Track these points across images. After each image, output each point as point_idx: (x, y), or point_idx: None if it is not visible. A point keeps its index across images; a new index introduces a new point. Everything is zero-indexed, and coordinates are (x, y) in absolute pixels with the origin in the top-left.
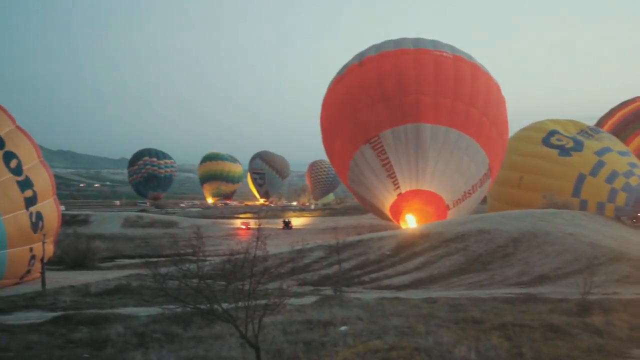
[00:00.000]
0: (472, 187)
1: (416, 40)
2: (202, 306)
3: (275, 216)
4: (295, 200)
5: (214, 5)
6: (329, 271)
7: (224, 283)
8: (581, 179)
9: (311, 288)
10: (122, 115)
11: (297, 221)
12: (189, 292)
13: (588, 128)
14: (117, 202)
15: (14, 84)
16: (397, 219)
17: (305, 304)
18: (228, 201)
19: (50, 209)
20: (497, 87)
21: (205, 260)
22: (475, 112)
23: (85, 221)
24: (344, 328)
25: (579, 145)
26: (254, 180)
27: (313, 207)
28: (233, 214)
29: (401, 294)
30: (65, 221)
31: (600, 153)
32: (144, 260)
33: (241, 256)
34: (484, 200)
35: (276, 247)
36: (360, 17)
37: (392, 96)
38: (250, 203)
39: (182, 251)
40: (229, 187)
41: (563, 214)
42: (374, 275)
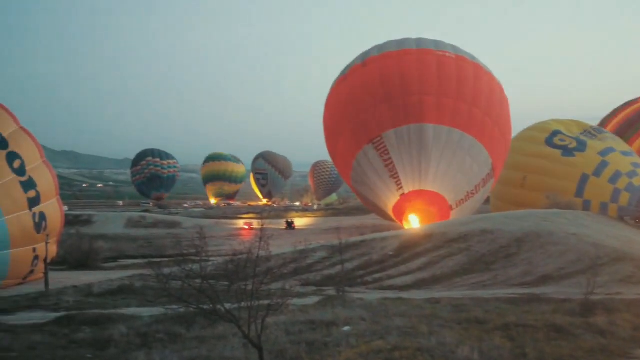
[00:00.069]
0: (475, 187)
1: (419, 41)
2: (205, 306)
3: (278, 216)
4: (298, 201)
5: (216, 6)
6: (331, 271)
7: (227, 283)
8: (584, 179)
9: (314, 288)
10: (125, 115)
11: (300, 221)
12: (192, 292)
13: (591, 128)
14: (120, 203)
15: (17, 84)
16: (400, 219)
17: (308, 304)
18: (231, 201)
19: (54, 209)
20: (500, 87)
21: (208, 261)
22: (478, 112)
23: (88, 221)
24: (346, 328)
25: (582, 146)
26: (256, 180)
27: (316, 207)
28: (236, 214)
29: (404, 295)
30: (69, 221)
31: (603, 153)
32: (147, 260)
33: (244, 256)
34: (487, 201)
35: (279, 248)
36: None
37: (395, 96)
38: (253, 203)
39: (185, 251)
40: (231, 188)
41: (566, 214)
42: (376, 276)
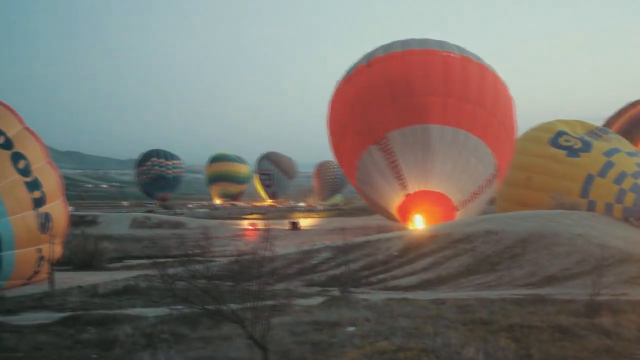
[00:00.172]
0: (480, 187)
1: (424, 41)
2: (210, 307)
3: (282, 217)
4: (302, 201)
5: (220, 7)
6: (336, 272)
7: (231, 284)
8: (589, 179)
9: (318, 289)
10: (130, 116)
11: (304, 222)
12: (196, 292)
13: (596, 129)
14: (125, 203)
15: (21, 85)
16: (405, 219)
17: (313, 304)
18: (235, 202)
19: (59, 209)
20: (505, 88)
21: (213, 261)
22: (483, 112)
23: (93, 222)
24: (351, 329)
25: (587, 146)
26: (261, 181)
27: (320, 207)
28: (240, 214)
29: (409, 295)
30: (74, 222)
31: (608, 154)
32: (152, 261)
33: (249, 257)
34: (492, 201)
35: (284, 248)
36: (367, 17)
37: (400, 97)
38: (257, 204)
39: (190, 252)
40: (236, 188)
41: (571, 214)
42: (381, 276)
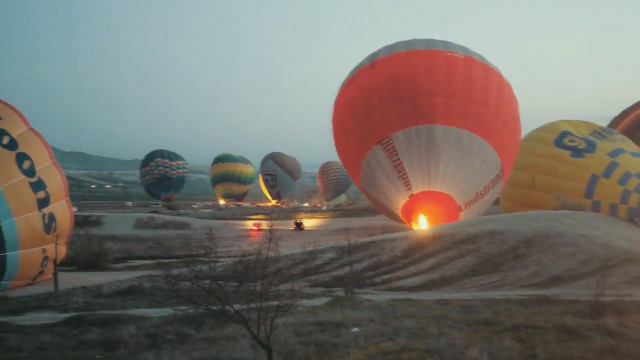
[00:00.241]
0: (484, 188)
1: (428, 41)
2: (214, 307)
3: (287, 217)
4: (306, 202)
5: (224, 7)
6: (340, 272)
7: (236, 284)
8: (594, 180)
9: (323, 289)
10: (134, 117)
11: (308, 222)
12: (201, 293)
13: (601, 129)
14: (129, 204)
15: (25, 85)
16: (409, 220)
17: (317, 305)
18: (240, 202)
19: (63, 210)
20: (509, 88)
21: (217, 262)
22: (487, 112)
23: (97, 222)
24: (355, 329)
25: (591, 147)
26: (265, 181)
27: (325, 208)
28: (245, 215)
29: (413, 296)
30: (78, 222)
31: (613, 154)
32: (156, 261)
33: (253, 257)
34: (496, 202)
35: (288, 249)
36: (371, 18)
37: (404, 97)
38: (261, 204)
39: (194, 252)
40: (240, 189)
41: (576, 215)
42: (385, 277)
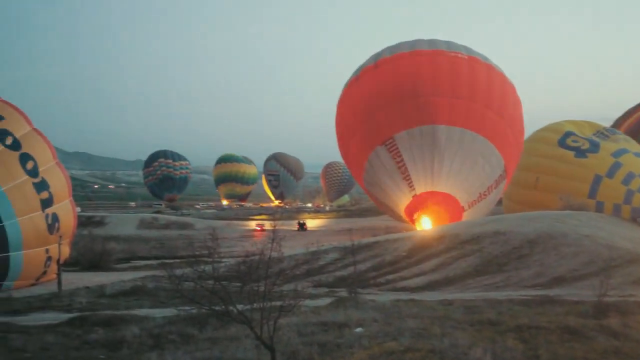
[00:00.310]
0: (488, 188)
1: (431, 42)
2: (218, 307)
3: (290, 218)
4: (310, 202)
5: (228, 8)
6: (344, 273)
7: (239, 284)
8: (597, 180)
9: (326, 290)
10: (137, 117)
11: (312, 223)
12: (204, 293)
13: (604, 129)
14: (133, 204)
15: (29, 86)
16: (412, 220)
17: (321, 305)
18: (243, 203)
19: (66, 210)
20: (512, 88)
21: (220, 262)
22: (491, 113)
23: (100, 222)
24: (359, 330)
25: (595, 147)
26: (268, 181)
27: (328, 208)
28: (248, 215)
29: (416, 296)
30: (81, 223)
31: (616, 154)
32: (159, 261)
33: (256, 258)
34: (499, 202)
35: (291, 249)
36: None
37: (407, 97)
38: (265, 204)
39: (197, 253)
40: (243, 189)
41: (579, 215)
42: (389, 277)
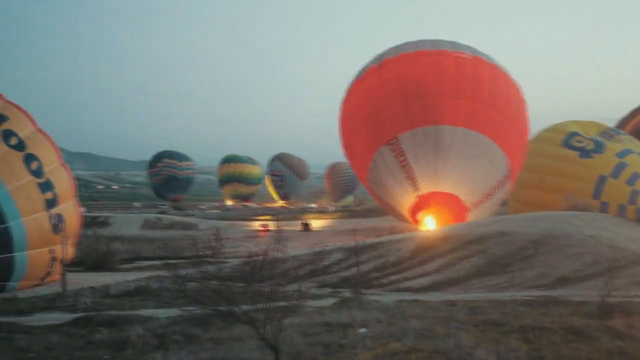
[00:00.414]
0: (492, 188)
1: (435, 42)
2: (222, 308)
3: (294, 218)
4: (314, 202)
5: (231, 9)
6: (348, 273)
7: (243, 285)
8: (602, 180)
9: (330, 290)
10: (141, 117)
11: (316, 223)
12: (208, 293)
13: (609, 129)
14: (137, 204)
15: (33, 86)
16: (416, 220)
17: (324, 306)
18: (247, 203)
19: (71, 210)
20: (517, 89)
21: (224, 262)
22: (495, 113)
23: (105, 223)
24: (363, 330)
25: (599, 147)
26: (273, 182)
27: (332, 209)
28: (252, 215)
29: (420, 297)
30: (86, 223)
31: (621, 155)
32: (163, 262)
33: (260, 258)
34: (504, 202)
35: (295, 249)
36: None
37: (411, 98)
38: (269, 205)
39: (201, 253)
40: (248, 189)
41: (584, 216)
42: (393, 278)
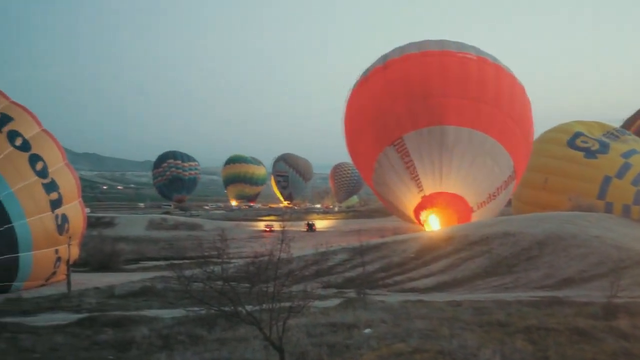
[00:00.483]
0: (497, 189)
1: (440, 42)
2: (227, 308)
3: (299, 219)
4: (318, 203)
5: (235, 10)
6: (352, 274)
7: (248, 285)
8: (607, 181)
9: (335, 291)
10: (146, 118)
11: (320, 224)
12: (213, 294)
13: (614, 130)
14: (142, 205)
15: (38, 86)
16: (421, 221)
17: (329, 306)
18: (252, 204)
19: (76, 211)
20: (521, 89)
21: (229, 263)
22: (499, 113)
23: (110, 223)
24: (367, 331)
25: (604, 147)
26: (277, 182)
27: (337, 209)
28: (257, 216)
29: (425, 297)
30: (90, 223)
31: (626, 155)
32: (168, 262)
33: (265, 259)
34: (509, 203)
35: (300, 250)
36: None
37: (416, 98)
38: (273, 205)
39: (206, 253)
40: (252, 190)
41: (589, 216)
42: (397, 278)
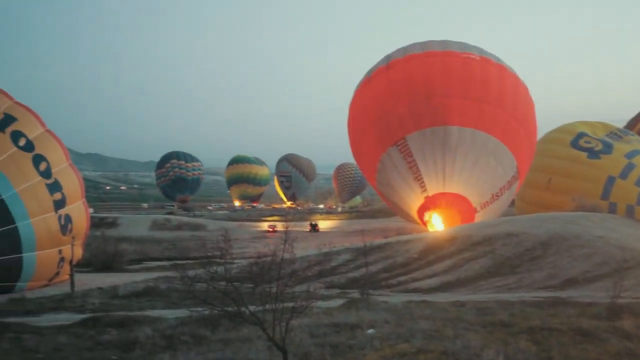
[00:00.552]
0: (500, 189)
1: (443, 43)
2: (230, 309)
3: (302, 219)
4: (322, 203)
5: (238, 10)
6: (356, 274)
7: (251, 286)
8: (610, 181)
9: (338, 291)
10: (149, 118)
11: (324, 224)
12: (216, 294)
13: (617, 130)
14: (145, 205)
15: (41, 87)
16: (424, 221)
17: (333, 306)
18: (255, 204)
19: (79, 211)
20: (525, 89)
21: (232, 263)
22: (503, 113)
23: (113, 224)
24: (371, 331)
25: (608, 148)
26: (280, 183)
27: (340, 209)
28: (260, 216)
29: (428, 297)
30: (94, 224)
31: (629, 155)
32: (171, 262)
33: (268, 259)
34: (512, 203)
35: (303, 250)
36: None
37: (419, 98)
38: (277, 206)
39: (209, 254)
40: (255, 190)
41: (592, 216)
42: (401, 279)
